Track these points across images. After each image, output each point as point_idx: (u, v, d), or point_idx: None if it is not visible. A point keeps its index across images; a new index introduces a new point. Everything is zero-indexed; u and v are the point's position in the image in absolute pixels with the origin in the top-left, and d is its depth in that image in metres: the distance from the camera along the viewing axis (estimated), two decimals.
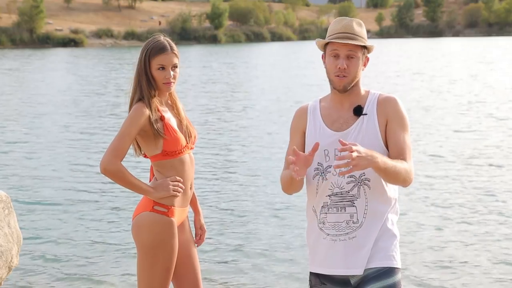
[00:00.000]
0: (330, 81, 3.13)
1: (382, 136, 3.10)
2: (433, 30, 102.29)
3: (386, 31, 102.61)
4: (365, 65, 3.16)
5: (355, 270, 3.07)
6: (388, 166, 2.93)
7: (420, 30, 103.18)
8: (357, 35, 3.09)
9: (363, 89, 3.20)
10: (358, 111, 3.12)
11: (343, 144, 2.83)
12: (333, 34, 3.10)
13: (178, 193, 3.67)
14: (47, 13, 75.02)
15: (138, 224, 3.68)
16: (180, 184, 3.68)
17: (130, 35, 76.84)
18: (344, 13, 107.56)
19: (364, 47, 3.13)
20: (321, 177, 3.14)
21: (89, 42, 72.56)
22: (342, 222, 3.09)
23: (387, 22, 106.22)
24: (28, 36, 70.52)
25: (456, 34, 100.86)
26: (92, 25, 78.01)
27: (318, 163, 3.14)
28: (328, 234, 3.12)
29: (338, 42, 3.07)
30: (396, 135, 3.09)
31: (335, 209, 3.10)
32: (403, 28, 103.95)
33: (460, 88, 25.43)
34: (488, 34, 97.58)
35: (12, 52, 57.46)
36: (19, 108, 21.35)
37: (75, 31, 73.48)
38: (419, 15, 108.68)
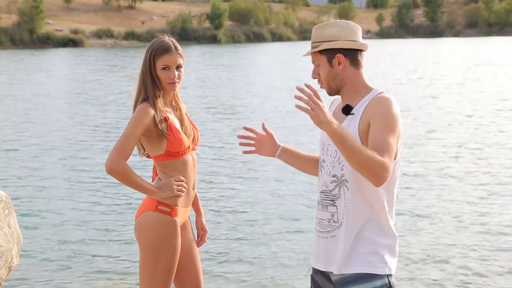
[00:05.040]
0: None
1: (361, 137, 2.99)
2: (433, 30, 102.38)
3: (386, 31, 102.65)
4: (339, 64, 3.08)
5: (332, 267, 3.08)
6: (347, 141, 2.78)
7: (420, 30, 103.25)
8: (316, 42, 3.11)
9: (369, 85, 3.12)
10: (346, 110, 3.09)
11: (308, 87, 2.84)
12: None
13: (182, 193, 3.68)
14: (47, 13, 75.04)
15: (141, 224, 3.68)
16: (184, 184, 3.68)
17: (130, 36, 76.87)
18: (344, 13, 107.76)
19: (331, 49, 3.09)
20: (321, 171, 3.20)
21: (89, 42, 72.57)
22: (325, 220, 3.12)
23: (387, 22, 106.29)
24: (28, 36, 70.50)
25: (456, 34, 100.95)
26: (92, 26, 78.04)
27: (321, 157, 3.22)
28: (316, 230, 3.18)
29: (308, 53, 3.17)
30: (373, 132, 2.96)
31: (321, 206, 3.15)
32: (403, 28, 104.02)
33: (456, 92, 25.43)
34: (488, 34, 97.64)
35: (4, 53, 57.34)
36: (18, 108, 21.33)
37: (75, 31, 73.48)
38: (419, 15, 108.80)
